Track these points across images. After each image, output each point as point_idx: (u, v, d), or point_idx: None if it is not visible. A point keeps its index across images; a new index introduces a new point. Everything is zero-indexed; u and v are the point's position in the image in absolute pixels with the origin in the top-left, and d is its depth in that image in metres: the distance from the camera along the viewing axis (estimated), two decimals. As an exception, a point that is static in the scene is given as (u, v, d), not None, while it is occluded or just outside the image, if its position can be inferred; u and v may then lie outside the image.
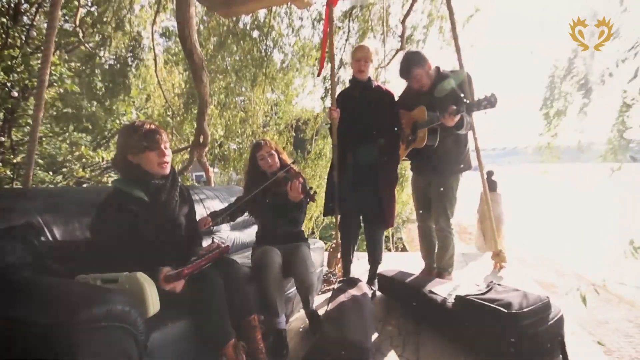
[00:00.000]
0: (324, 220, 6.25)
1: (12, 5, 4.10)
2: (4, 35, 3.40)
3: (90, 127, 5.22)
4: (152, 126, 1.28)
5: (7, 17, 3.85)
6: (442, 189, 2.04)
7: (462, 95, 1.93)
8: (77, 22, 4.44)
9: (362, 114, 2.04)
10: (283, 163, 1.86)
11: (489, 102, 1.72)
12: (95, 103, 5.09)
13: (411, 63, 1.98)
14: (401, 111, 2.12)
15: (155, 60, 5.03)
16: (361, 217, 2.18)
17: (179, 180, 1.43)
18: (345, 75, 5.08)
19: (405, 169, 4.64)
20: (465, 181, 2.14)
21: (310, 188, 1.73)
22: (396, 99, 2.16)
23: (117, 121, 5.25)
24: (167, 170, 1.32)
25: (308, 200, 1.70)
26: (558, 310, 1.37)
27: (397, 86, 2.31)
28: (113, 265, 1.13)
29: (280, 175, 1.76)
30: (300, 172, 1.88)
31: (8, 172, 3.93)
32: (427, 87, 2.02)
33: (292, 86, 6.22)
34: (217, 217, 1.72)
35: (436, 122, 1.88)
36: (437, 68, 2.05)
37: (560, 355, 1.34)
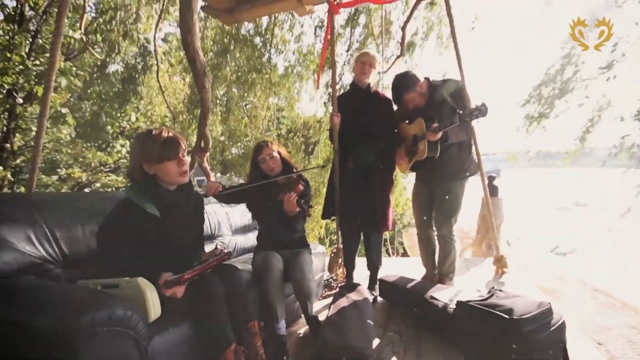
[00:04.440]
0: (330, 224, 6.22)
1: (18, 12, 4.16)
2: (9, 41, 3.45)
3: (89, 130, 5.25)
4: (170, 134, 1.22)
5: (13, 24, 3.90)
6: (447, 196, 2.03)
7: (454, 105, 1.96)
8: (82, 29, 4.49)
9: (360, 119, 2.06)
10: (287, 165, 1.84)
11: (480, 111, 1.81)
12: (98, 107, 5.13)
13: (400, 90, 2.02)
14: (401, 124, 2.13)
15: (157, 66, 5.09)
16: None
17: (193, 187, 1.39)
18: (348, 81, 5.12)
19: (405, 174, 4.64)
20: (466, 186, 2.14)
21: (306, 202, 1.72)
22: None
23: (117, 124, 5.28)
24: (187, 179, 1.28)
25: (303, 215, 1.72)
26: (560, 317, 1.36)
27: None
28: (115, 271, 1.13)
29: (281, 179, 1.75)
30: (303, 180, 1.85)
31: (9, 176, 3.95)
32: (423, 104, 2.04)
33: (295, 91, 6.25)
34: (225, 190, 1.69)
35: None
36: (427, 80, 2.05)
37: (563, 362, 1.33)
